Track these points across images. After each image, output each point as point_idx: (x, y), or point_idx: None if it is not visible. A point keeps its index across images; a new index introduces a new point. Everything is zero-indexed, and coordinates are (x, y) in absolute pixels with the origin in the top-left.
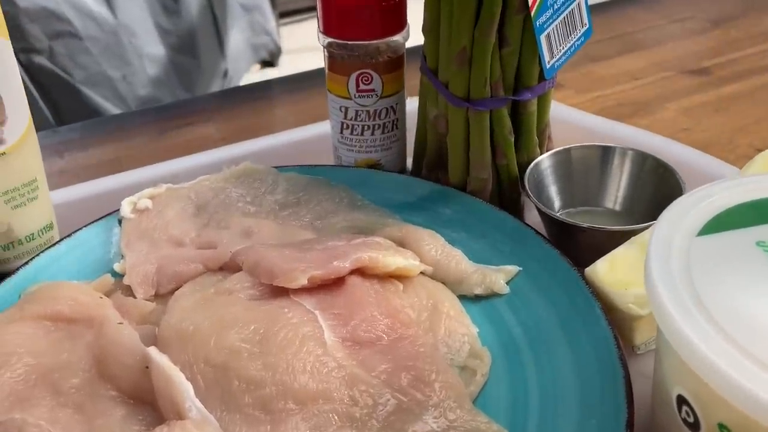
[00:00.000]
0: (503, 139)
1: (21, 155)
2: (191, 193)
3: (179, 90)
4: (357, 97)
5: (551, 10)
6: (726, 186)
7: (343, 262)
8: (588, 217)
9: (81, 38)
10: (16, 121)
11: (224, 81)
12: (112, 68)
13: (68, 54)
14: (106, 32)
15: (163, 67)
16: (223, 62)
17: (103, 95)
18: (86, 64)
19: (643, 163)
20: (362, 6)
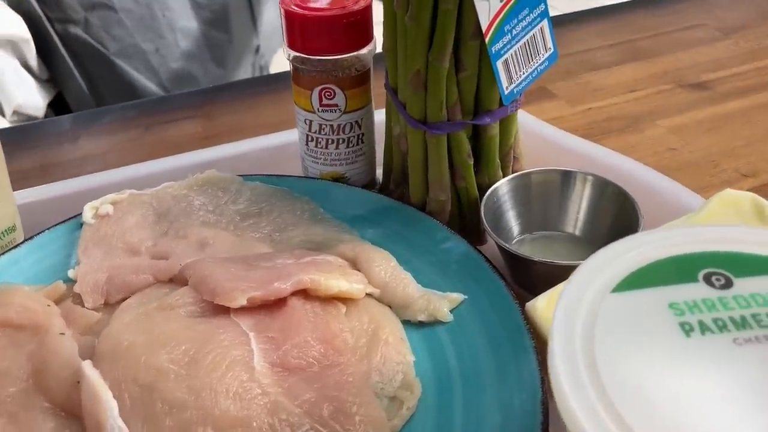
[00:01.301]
0: (462, 162)
1: None
2: (153, 201)
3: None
4: (320, 111)
5: (509, 36)
6: (652, 238)
7: (284, 284)
8: (547, 242)
9: (116, 10)
10: None
11: (256, 57)
12: (145, 41)
13: (103, 26)
14: (140, 5)
15: (195, 41)
16: (255, 38)
17: (136, 68)
18: (120, 36)
19: (604, 189)
20: (323, 21)
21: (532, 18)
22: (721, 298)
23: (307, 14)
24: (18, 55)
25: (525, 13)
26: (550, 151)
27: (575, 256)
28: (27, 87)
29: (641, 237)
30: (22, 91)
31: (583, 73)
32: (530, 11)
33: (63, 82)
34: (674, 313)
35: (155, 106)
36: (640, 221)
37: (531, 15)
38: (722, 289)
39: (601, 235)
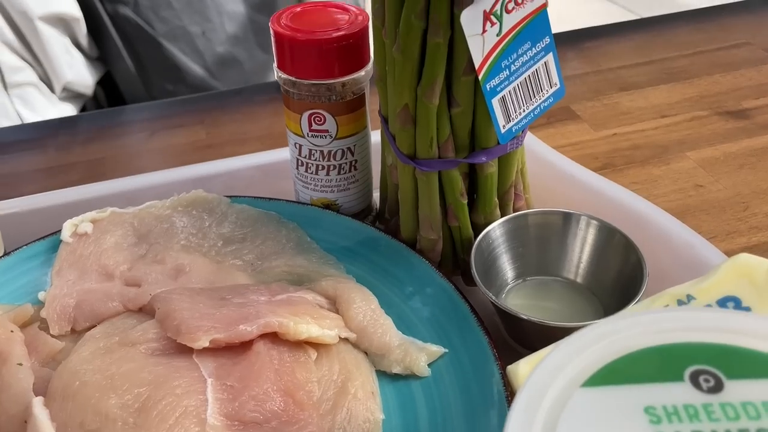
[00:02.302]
0: (454, 201)
1: None
2: (135, 220)
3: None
4: (310, 136)
5: (506, 72)
6: (637, 321)
7: (249, 327)
8: (544, 289)
9: None
10: None
11: None
12: (192, 23)
13: (152, 6)
14: None
15: (241, 25)
16: None
17: (182, 50)
18: (168, 18)
19: (609, 236)
20: (313, 44)
21: (535, 52)
22: (707, 406)
23: (296, 36)
24: (69, 33)
25: (526, 47)
26: (559, 184)
27: (574, 305)
28: (77, 65)
29: (624, 319)
30: (72, 68)
31: (612, 93)
32: (533, 45)
33: (111, 61)
34: (650, 419)
35: (163, 109)
36: (644, 279)
37: (533, 49)
38: (710, 392)
39: (604, 284)
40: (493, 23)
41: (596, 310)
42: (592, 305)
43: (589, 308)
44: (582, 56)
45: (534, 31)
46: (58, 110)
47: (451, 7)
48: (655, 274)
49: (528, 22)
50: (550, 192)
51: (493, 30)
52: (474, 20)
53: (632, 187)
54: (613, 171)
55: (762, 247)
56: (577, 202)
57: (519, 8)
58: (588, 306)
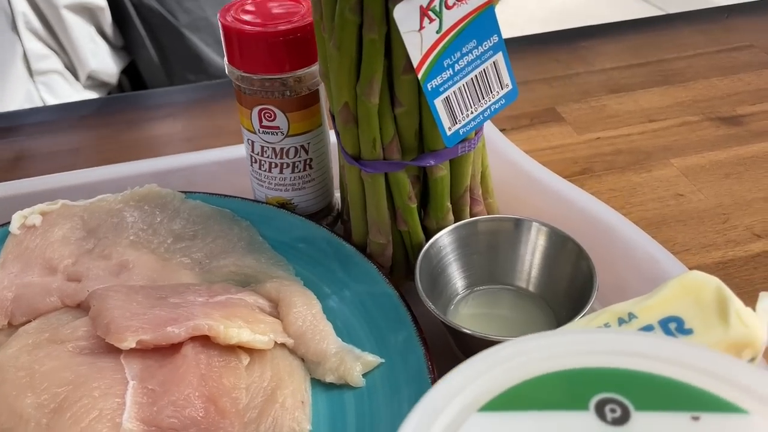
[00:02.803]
0: (402, 205)
1: None
2: (85, 214)
3: None
4: (261, 132)
5: (450, 71)
6: (546, 342)
7: (177, 329)
8: (495, 298)
9: None
10: None
11: None
12: (214, 15)
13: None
14: None
15: None
16: None
17: (204, 40)
18: (191, 9)
19: (560, 244)
20: (260, 38)
21: (482, 51)
22: None
23: (243, 29)
24: (94, 21)
25: (471, 45)
26: (527, 190)
27: (526, 314)
28: (101, 53)
29: (534, 340)
30: (96, 57)
31: (601, 95)
32: (479, 43)
33: (135, 50)
34: None
35: (140, 101)
36: (593, 291)
37: (480, 48)
38: (615, 424)
39: (557, 293)
40: (432, 19)
41: (549, 320)
42: (545, 315)
43: (541, 318)
44: (575, 56)
45: (480, 29)
46: (82, 98)
47: (387, 2)
48: (616, 286)
49: (472, 19)
50: (517, 198)
51: (432, 27)
52: (409, 16)
53: (609, 194)
54: (592, 176)
55: (736, 263)
56: (544, 209)
57: (461, 4)
58: (541, 315)
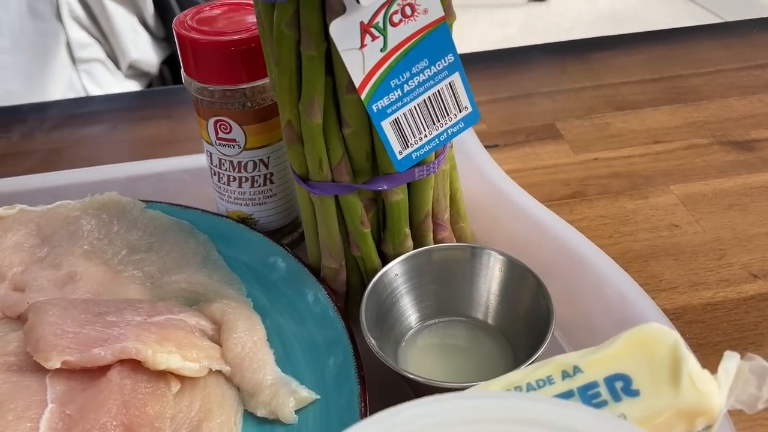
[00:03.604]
0: (354, 230)
1: None
2: (41, 220)
3: None
4: (218, 144)
5: (398, 92)
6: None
7: (104, 351)
8: (451, 331)
9: None
10: None
11: None
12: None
13: None
14: None
15: None
16: None
17: None
18: None
19: (518, 275)
20: (211, 47)
21: (435, 71)
22: None
23: (195, 38)
24: (136, 12)
25: (422, 65)
26: (504, 213)
27: (481, 349)
28: (142, 43)
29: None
30: (138, 46)
31: (606, 111)
32: (431, 63)
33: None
34: None
35: (130, 101)
36: (548, 331)
37: (433, 68)
38: None
39: (515, 327)
40: (375, 37)
41: (506, 357)
42: (502, 350)
43: (498, 354)
44: (584, 69)
45: (432, 48)
46: (123, 87)
47: (324, 16)
48: (585, 327)
49: (423, 37)
50: (495, 221)
51: (376, 44)
52: (348, 32)
53: (599, 221)
54: (582, 201)
55: (727, 305)
56: (519, 235)
57: (408, 21)
58: (498, 351)
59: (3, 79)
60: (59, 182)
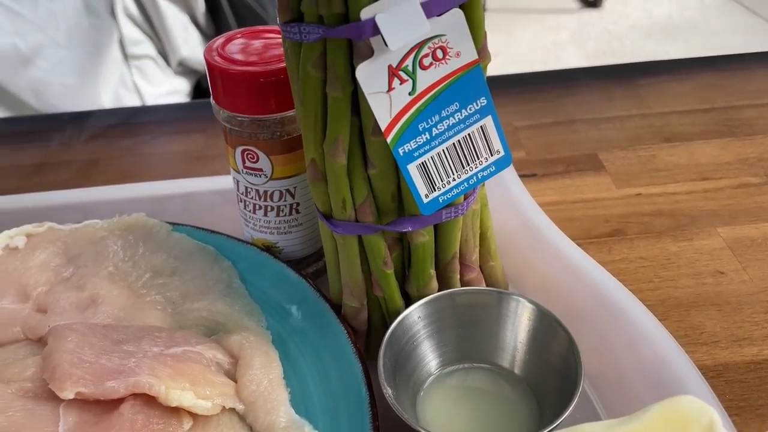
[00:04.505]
0: (377, 270)
1: None
2: (69, 239)
3: None
4: (244, 173)
5: (426, 135)
6: None
7: (118, 384)
8: (473, 378)
9: None
10: None
11: None
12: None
13: None
14: None
15: None
16: None
17: None
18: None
19: (547, 326)
20: (240, 77)
21: (466, 114)
22: None
23: (225, 68)
24: (188, 10)
25: (453, 108)
26: (536, 252)
27: (505, 398)
28: (192, 41)
29: None
30: (188, 44)
31: (653, 143)
32: (463, 106)
33: None
34: None
35: (167, 113)
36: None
37: (464, 111)
38: None
39: (542, 377)
40: (404, 80)
41: (530, 408)
42: (527, 401)
43: (522, 405)
44: (631, 95)
45: (464, 91)
46: (173, 84)
47: (351, 58)
48: (617, 383)
49: (454, 80)
50: (525, 259)
51: (404, 88)
52: (375, 76)
53: (638, 263)
54: (622, 240)
55: None
56: (551, 276)
57: (439, 64)
58: (522, 402)
59: (58, 73)
60: (89, 198)
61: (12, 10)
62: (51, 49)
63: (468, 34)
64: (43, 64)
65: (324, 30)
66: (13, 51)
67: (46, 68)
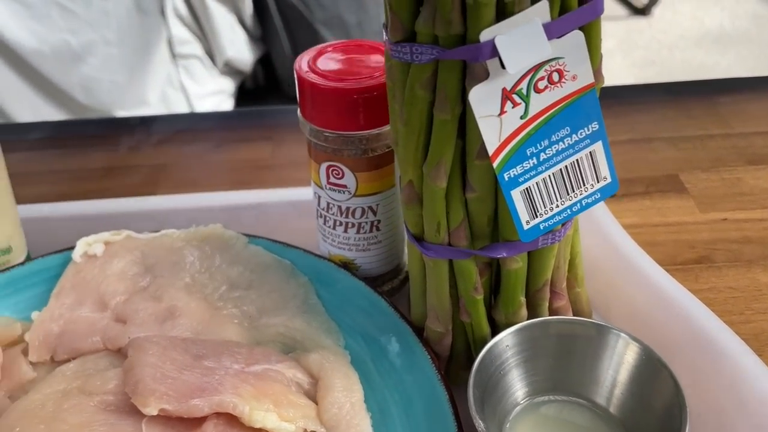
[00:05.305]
0: (466, 295)
1: None
2: (146, 248)
3: None
4: (328, 189)
5: (533, 160)
6: None
7: (202, 403)
8: (563, 412)
9: None
10: None
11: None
12: (349, 12)
13: None
14: None
15: None
16: None
17: (337, 38)
18: (327, 5)
19: (650, 366)
20: (331, 93)
21: (576, 140)
22: None
23: (316, 82)
24: (235, 11)
25: (563, 133)
26: (622, 278)
27: None
28: (238, 42)
29: None
30: (234, 45)
31: (737, 165)
32: (573, 131)
33: (271, 41)
34: None
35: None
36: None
37: (574, 136)
38: None
39: (641, 420)
40: (517, 104)
41: None
42: None
43: None
44: (710, 113)
45: (576, 115)
46: (218, 84)
47: (464, 80)
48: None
49: (568, 104)
50: (611, 286)
51: (516, 111)
52: (488, 99)
53: (727, 293)
54: (709, 267)
55: None
56: (639, 305)
57: (554, 87)
58: None
59: (107, 70)
60: (163, 206)
61: (66, 8)
62: (101, 46)
63: (587, 57)
64: (93, 61)
65: (438, 51)
66: (65, 48)
67: (96, 65)
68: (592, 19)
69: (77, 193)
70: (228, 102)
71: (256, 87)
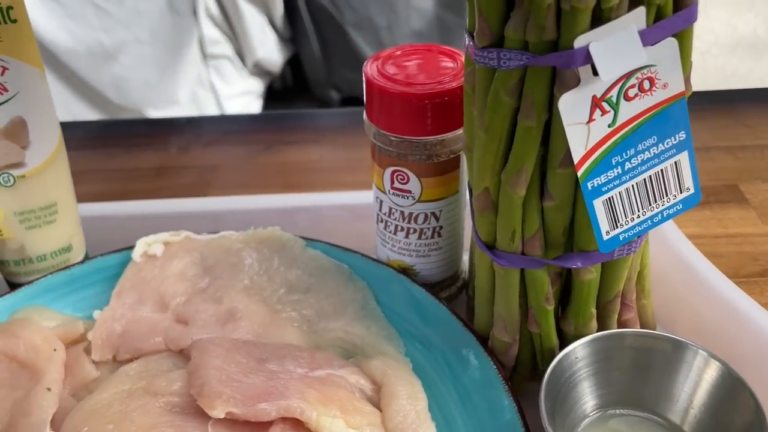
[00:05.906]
0: (537, 305)
1: (42, 179)
2: (205, 249)
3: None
4: (391, 193)
5: (618, 170)
6: None
7: (269, 407)
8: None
9: None
10: (42, 147)
11: None
12: (379, 14)
13: None
14: None
15: (427, 22)
16: None
17: (366, 40)
18: (357, 7)
19: (730, 385)
20: (401, 97)
21: (662, 149)
22: None
23: (385, 86)
24: (266, 12)
25: (650, 142)
26: (688, 291)
27: None
28: (269, 43)
29: None
30: (264, 46)
31: None
32: (660, 140)
33: (301, 43)
34: None
35: (281, 122)
36: None
37: (661, 145)
38: None
39: None
40: (606, 112)
41: None
42: None
43: None
44: (766, 123)
45: (664, 124)
46: (247, 84)
47: (552, 86)
48: None
49: (657, 113)
50: (677, 298)
51: (605, 119)
52: (578, 106)
53: None
54: None
55: None
56: (707, 318)
57: (645, 95)
58: None
59: (140, 68)
60: (219, 207)
61: (100, 7)
62: (134, 46)
63: (679, 65)
64: (125, 60)
65: (528, 57)
66: (98, 47)
67: (128, 64)
68: (686, 27)
69: (129, 193)
70: (256, 103)
71: (284, 88)
